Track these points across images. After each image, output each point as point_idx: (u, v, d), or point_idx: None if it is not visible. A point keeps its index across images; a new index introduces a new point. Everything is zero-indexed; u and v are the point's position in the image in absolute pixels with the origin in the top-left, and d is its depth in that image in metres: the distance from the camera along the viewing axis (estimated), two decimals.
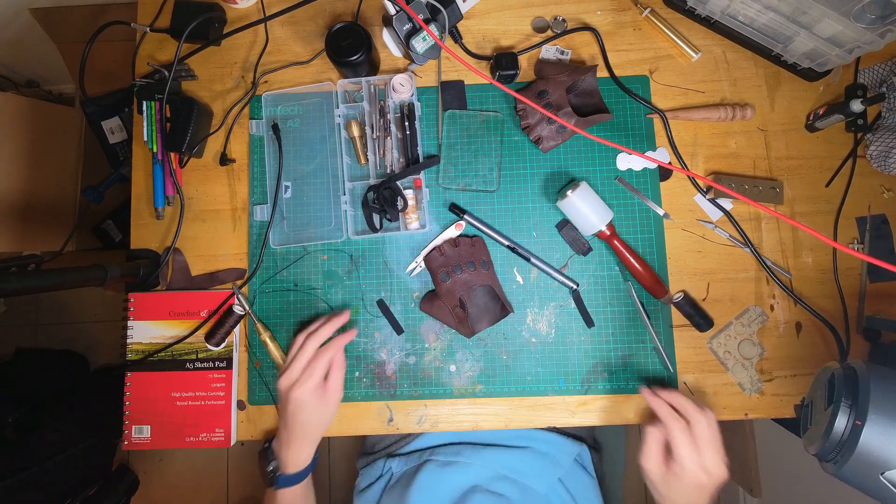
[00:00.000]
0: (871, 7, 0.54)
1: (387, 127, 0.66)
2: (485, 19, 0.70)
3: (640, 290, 0.65)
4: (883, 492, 0.41)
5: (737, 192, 0.60)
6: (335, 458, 1.47)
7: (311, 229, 0.67)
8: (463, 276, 0.62)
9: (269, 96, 0.69)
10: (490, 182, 0.67)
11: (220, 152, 0.69)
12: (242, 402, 0.65)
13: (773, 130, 0.67)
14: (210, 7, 0.69)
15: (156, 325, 0.65)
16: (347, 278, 0.66)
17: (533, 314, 0.65)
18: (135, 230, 0.69)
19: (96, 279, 0.57)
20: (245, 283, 0.66)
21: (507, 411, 0.65)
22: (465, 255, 0.63)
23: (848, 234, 0.65)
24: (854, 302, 0.64)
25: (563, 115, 0.62)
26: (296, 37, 0.71)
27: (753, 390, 0.63)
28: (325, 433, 0.60)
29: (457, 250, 0.64)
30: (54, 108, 1.12)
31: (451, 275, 0.62)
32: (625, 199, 0.66)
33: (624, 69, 0.69)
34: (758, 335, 0.64)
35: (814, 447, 0.46)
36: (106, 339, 1.51)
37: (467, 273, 0.62)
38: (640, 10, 0.69)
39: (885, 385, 0.42)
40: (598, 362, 0.64)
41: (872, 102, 0.61)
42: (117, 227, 1.21)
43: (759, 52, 0.67)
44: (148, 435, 0.64)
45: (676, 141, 0.67)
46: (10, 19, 1.10)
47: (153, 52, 0.72)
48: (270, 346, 0.64)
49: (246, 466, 1.46)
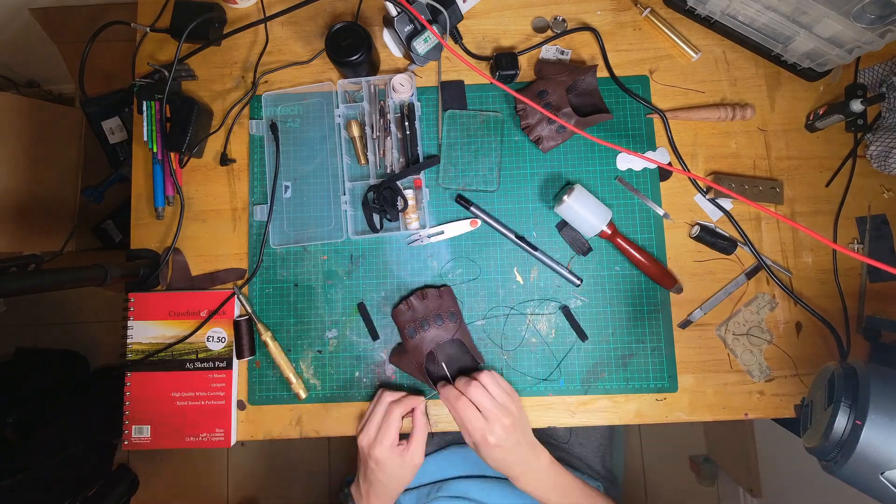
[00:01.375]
0: (871, 7, 0.54)
1: (387, 127, 0.66)
2: (485, 19, 0.70)
3: (648, 283, 0.65)
4: (883, 492, 0.41)
5: (737, 193, 0.60)
6: (335, 459, 1.47)
7: (311, 229, 0.67)
8: (430, 333, 0.61)
9: (269, 96, 0.69)
10: (490, 182, 0.67)
11: (221, 152, 0.69)
12: (242, 402, 0.65)
13: (773, 130, 0.67)
14: (210, 7, 0.69)
15: (156, 325, 0.65)
16: (347, 278, 0.66)
17: (533, 314, 0.65)
18: (135, 230, 0.69)
19: (96, 279, 0.57)
20: (245, 284, 0.66)
21: None
22: (433, 307, 0.62)
23: (848, 234, 0.65)
24: (854, 302, 0.64)
25: (563, 116, 0.62)
26: (296, 37, 0.71)
27: (762, 377, 0.63)
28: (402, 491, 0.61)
29: (424, 303, 0.62)
30: (54, 108, 1.12)
31: (419, 331, 0.61)
32: (625, 199, 0.66)
33: (624, 69, 0.69)
34: (766, 322, 0.64)
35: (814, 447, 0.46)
36: (106, 339, 1.51)
37: (434, 328, 0.61)
38: (640, 10, 0.69)
39: (885, 385, 0.42)
40: (598, 362, 0.64)
41: (872, 102, 0.61)
42: (117, 227, 1.21)
43: (759, 52, 0.67)
44: (148, 435, 0.64)
45: (676, 141, 0.67)
46: (10, 19, 1.10)
47: (153, 52, 0.72)
48: (271, 347, 0.64)
49: (246, 466, 1.47)
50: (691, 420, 0.63)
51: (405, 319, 0.62)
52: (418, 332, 0.61)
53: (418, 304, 0.62)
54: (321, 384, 0.65)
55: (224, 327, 0.65)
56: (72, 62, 1.11)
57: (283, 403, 0.65)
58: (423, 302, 0.62)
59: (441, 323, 0.61)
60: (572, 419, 0.64)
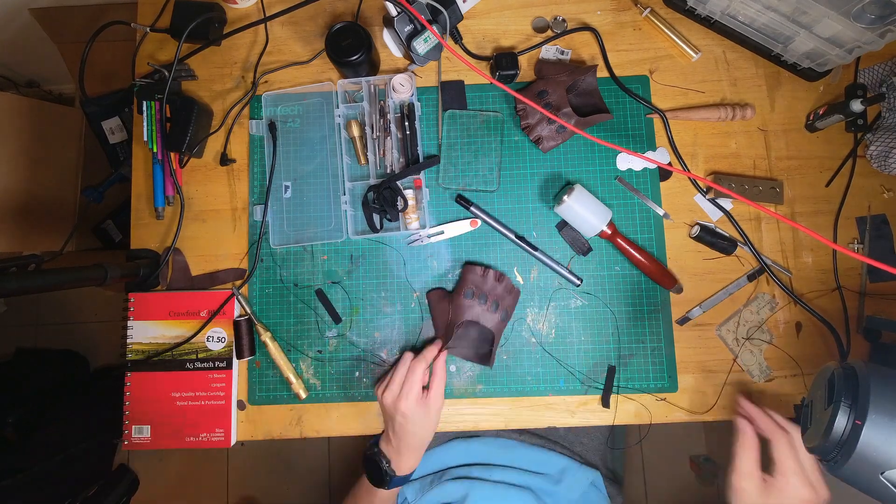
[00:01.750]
0: (871, 7, 0.54)
1: (387, 127, 0.66)
2: (485, 19, 0.70)
3: (648, 283, 0.65)
4: (883, 492, 0.41)
5: (737, 193, 0.60)
6: (335, 459, 1.47)
7: (311, 229, 0.67)
8: (480, 309, 0.61)
9: (269, 96, 0.69)
10: (490, 182, 0.67)
11: (221, 152, 0.69)
12: (242, 402, 0.65)
13: (773, 130, 0.67)
14: (210, 7, 0.69)
15: (156, 325, 0.65)
16: (347, 278, 0.66)
17: (533, 314, 0.65)
18: (135, 230, 0.69)
19: (96, 279, 0.57)
20: (244, 283, 0.66)
21: (508, 411, 0.65)
22: (499, 294, 0.62)
23: (848, 234, 0.65)
24: (854, 302, 0.64)
25: (563, 116, 0.62)
26: (296, 37, 0.71)
27: (762, 377, 0.63)
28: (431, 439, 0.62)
29: (495, 284, 0.62)
30: (54, 108, 1.12)
31: (476, 298, 0.61)
32: (625, 199, 0.66)
33: (624, 69, 0.69)
34: (766, 322, 0.64)
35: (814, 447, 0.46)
36: (106, 339, 1.51)
37: (488, 309, 0.61)
38: (640, 10, 0.69)
39: (885, 385, 0.42)
40: (598, 362, 0.64)
41: (872, 102, 0.61)
42: (117, 227, 1.21)
43: (759, 52, 0.67)
44: (148, 435, 0.64)
45: (676, 141, 0.67)
46: (10, 19, 1.10)
47: (153, 52, 0.72)
48: (271, 347, 0.64)
49: (246, 466, 1.47)
50: (691, 420, 0.63)
51: (473, 280, 0.62)
52: (474, 299, 0.61)
53: (492, 281, 0.62)
54: (321, 384, 0.65)
55: (224, 327, 0.65)
56: (72, 62, 1.11)
57: (283, 403, 0.65)
58: (497, 283, 0.63)
59: (495, 310, 0.61)
60: (572, 419, 0.64)
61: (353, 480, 0.76)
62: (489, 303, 0.61)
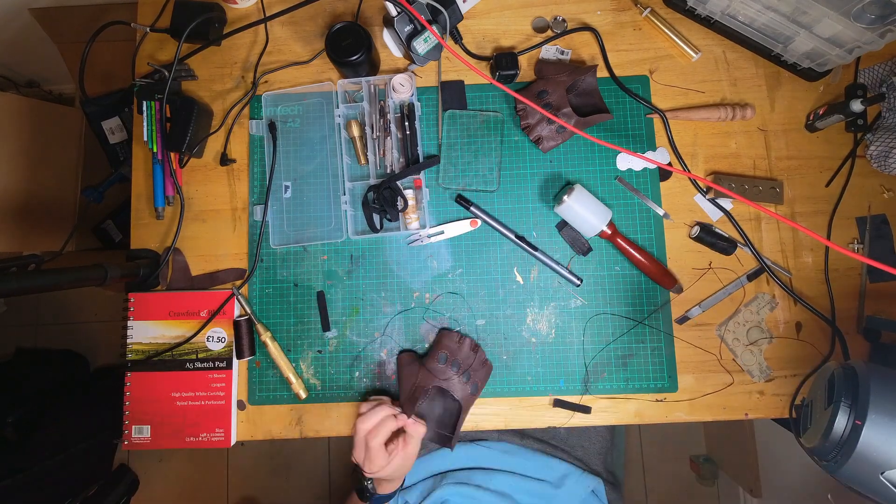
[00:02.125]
0: (871, 7, 0.54)
1: (387, 127, 0.66)
2: (485, 19, 0.70)
3: (648, 283, 0.65)
4: (883, 492, 0.41)
5: (736, 193, 0.60)
6: (335, 459, 1.47)
7: (311, 229, 0.67)
8: (451, 376, 0.59)
9: (269, 96, 0.69)
10: (490, 182, 0.67)
11: (221, 152, 0.69)
12: (242, 402, 0.65)
13: (773, 130, 0.67)
14: (210, 7, 0.69)
15: (156, 325, 0.65)
16: (347, 278, 0.66)
17: (533, 314, 0.65)
18: (135, 230, 0.69)
19: (96, 279, 0.57)
20: (244, 283, 0.66)
21: (508, 411, 0.65)
22: (472, 365, 0.61)
23: (848, 234, 0.66)
24: (854, 302, 0.64)
25: (563, 116, 0.62)
26: (296, 37, 0.71)
27: (762, 377, 0.63)
28: (409, 470, 0.63)
29: (470, 354, 0.61)
30: (54, 108, 1.12)
31: (448, 364, 0.60)
32: (625, 199, 0.66)
33: (624, 69, 0.69)
34: (766, 322, 0.64)
35: (814, 447, 0.46)
36: (106, 339, 1.51)
37: (457, 378, 0.59)
38: (640, 10, 0.69)
39: (885, 385, 0.42)
40: (598, 362, 0.64)
41: (872, 102, 0.61)
42: (117, 227, 1.21)
43: (759, 52, 0.67)
44: (148, 435, 0.64)
45: (676, 141, 0.67)
46: (10, 19, 1.10)
47: (153, 52, 0.72)
48: (270, 347, 0.64)
49: (246, 466, 1.47)
50: (691, 420, 0.63)
51: (449, 345, 0.61)
52: (447, 364, 0.60)
53: (467, 349, 0.61)
54: (321, 384, 0.65)
55: (224, 327, 0.65)
56: (72, 62, 1.11)
57: (283, 403, 0.65)
58: (471, 353, 0.61)
59: (465, 381, 0.60)
60: (572, 419, 0.64)
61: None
62: (461, 372, 0.60)
